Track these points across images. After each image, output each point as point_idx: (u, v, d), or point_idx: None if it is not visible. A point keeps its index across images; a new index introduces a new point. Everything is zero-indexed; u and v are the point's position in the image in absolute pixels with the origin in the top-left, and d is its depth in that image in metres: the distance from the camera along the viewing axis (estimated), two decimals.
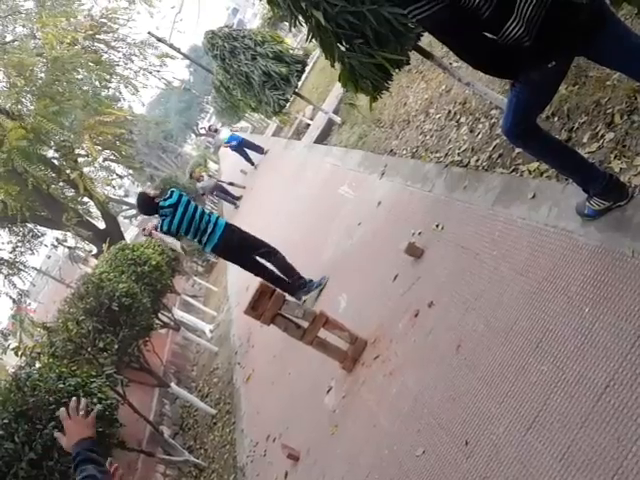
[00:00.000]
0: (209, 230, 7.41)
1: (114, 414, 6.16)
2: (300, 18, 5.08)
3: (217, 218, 7.63)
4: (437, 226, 5.41)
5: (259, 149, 21.11)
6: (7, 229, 20.47)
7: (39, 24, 16.59)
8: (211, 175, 20.26)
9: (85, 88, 19.15)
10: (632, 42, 2.75)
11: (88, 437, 2.76)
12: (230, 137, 21.19)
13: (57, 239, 23.48)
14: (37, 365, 7.02)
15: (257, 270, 7.71)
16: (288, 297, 5.76)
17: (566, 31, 2.75)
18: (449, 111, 6.87)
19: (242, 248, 7.67)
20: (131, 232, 48.72)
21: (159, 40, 20.82)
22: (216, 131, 23.38)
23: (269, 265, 7.74)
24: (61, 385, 5.52)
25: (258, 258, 7.71)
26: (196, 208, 7.53)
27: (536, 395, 3.12)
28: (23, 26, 18.75)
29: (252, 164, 21.66)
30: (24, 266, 21.14)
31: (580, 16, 2.69)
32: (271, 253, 7.72)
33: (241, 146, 21.11)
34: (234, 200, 20.76)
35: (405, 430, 4.13)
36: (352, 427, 4.92)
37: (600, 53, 2.87)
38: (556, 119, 4.64)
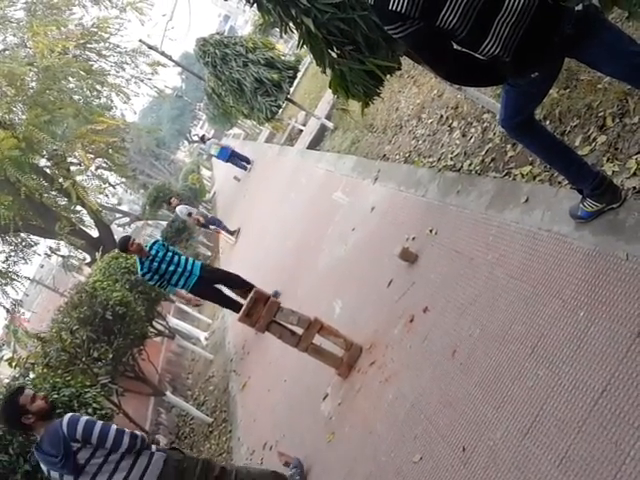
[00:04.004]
0: (185, 276, 7.94)
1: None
2: (291, 25, 5.07)
3: (192, 265, 8.07)
4: (431, 231, 5.40)
5: (246, 160, 21.58)
6: (0, 239, 20.38)
7: (30, 33, 16.56)
8: (189, 210, 17.28)
9: (76, 97, 19.15)
10: (622, 47, 2.74)
11: None
12: (221, 152, 20.95)
13: (50, 248, 23.40)
14: (31, 376, 6.99)
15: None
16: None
17: (547, 47, 2.75)
18: (441, 116, 6.88)
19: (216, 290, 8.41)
20: None
21: (150, 48, 20.81)
22: (206, 140, 23.55)
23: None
24: (55, 395, 5.49)
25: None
26: (172, 257, 7.97)
27: (533, 400, 3.11)
28: (14, 35, 18.70)
29: (245, 169, 21.84)
30: (17, 276, 21.04)
31: (564, 31, 2.68)
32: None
33: (233, 156, 21.26)
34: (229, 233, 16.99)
35: (402, 437, 4.11)
36: (349, 434, 4.90)
37: (590, 58, 2.86)
38: (548, 122, 4.64)
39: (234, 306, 8.25)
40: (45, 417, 4.08)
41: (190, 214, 16.96)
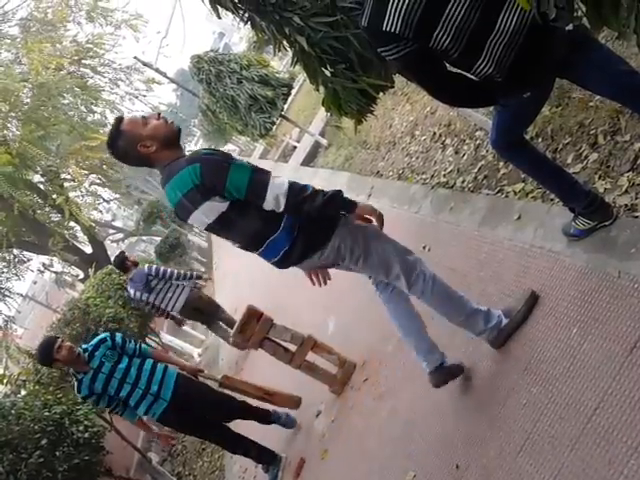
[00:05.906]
0: (148, 401, 5.23)
1: (101, 441, 6.08)
2: (284, 43, 5.10)
3: (160, 384, 5.28)
4: (424, 247, 5.40)
5: None
6: None
7: (24, 50, 16.62)
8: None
9: (71, 113, 19.19)
10: (612, 67, 2.76)
11: None
12: None
13: (43, 264, 23.39)
14: (22, 393, 6.95)
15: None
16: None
17: (539, 67, 2.77)
18: (434, 133, 6.91)
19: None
20: None
21: (145, 65, 20.85)
22: None
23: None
24: (46, 413, 5.47)
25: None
26: (127, 369, 5.20)
27: (526, 417, 3.10)
28: (8, 51, 18.76)
29: None
30: (10, 292, 20.98)
31: (555, 51, 2.71)
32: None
33: None
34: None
35: (395, 454, 4.09)
36: (342, 452, 4.87)
37: (581, 78, 2.89)
38: (540, 140, 4.67)
39: (236, 444, 5.76)
40: None
41: None
